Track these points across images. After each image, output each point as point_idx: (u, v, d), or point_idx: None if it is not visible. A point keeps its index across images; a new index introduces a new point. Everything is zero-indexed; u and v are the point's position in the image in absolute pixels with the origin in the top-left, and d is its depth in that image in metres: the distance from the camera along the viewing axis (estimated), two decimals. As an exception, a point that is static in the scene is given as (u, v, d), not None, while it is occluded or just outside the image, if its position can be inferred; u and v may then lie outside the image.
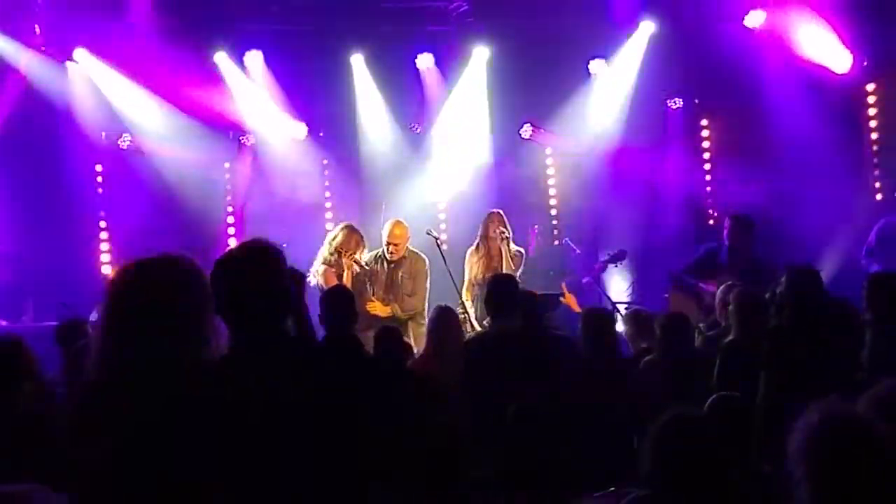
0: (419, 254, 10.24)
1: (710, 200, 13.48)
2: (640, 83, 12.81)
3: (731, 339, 7.11)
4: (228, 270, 3.48)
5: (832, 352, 6.30)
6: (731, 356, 6.87)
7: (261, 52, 12.36)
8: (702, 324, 8.92)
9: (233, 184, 12.88)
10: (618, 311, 10.30)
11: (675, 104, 13.08)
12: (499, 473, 5.89)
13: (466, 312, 9.89)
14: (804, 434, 3.27)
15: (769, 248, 10.66)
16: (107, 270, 11.96)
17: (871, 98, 12.93)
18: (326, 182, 13.16)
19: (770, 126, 12.57)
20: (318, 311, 6.85)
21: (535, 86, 12.68)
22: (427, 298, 10.04)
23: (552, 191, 13.58)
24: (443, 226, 12.73)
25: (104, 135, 12.22)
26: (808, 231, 12.04)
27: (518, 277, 9.91)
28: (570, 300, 10.07)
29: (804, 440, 3.27)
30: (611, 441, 7.09)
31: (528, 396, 6.30)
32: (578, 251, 11.62)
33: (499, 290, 7.51)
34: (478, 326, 9.44)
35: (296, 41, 12.34)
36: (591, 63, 12.96)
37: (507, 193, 12.45)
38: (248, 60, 12.36)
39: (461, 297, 10.07)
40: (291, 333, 3.65)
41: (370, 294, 9.89)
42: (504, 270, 9.96)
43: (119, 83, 11.99)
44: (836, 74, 12.52)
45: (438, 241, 10.49)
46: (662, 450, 4.01)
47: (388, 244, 9.99)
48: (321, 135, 12.94)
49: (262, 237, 3.60)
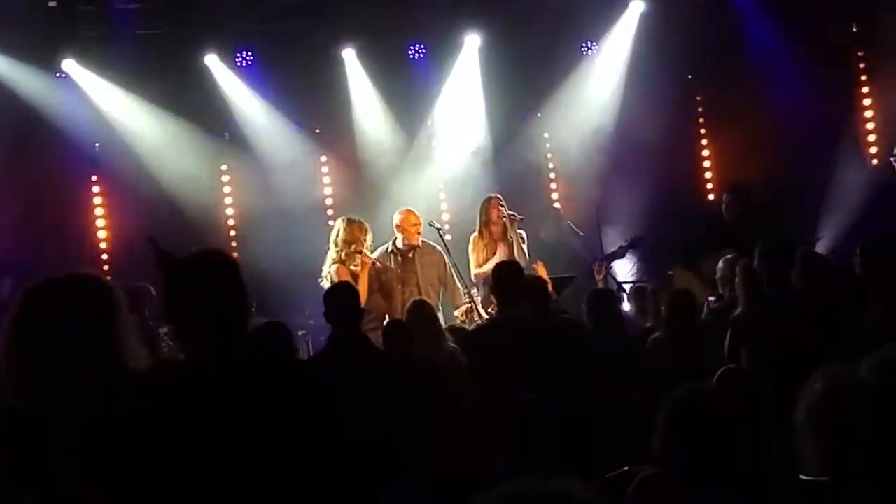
0: (433, 245, 10.23)
1: (709, 175, 13.49)
2: (634, 62, 12.81)
3: (741, 312, 7.13)
4: (179, 279, 3.48)
5: (812, 326, 6.33)
6: (740, 328, 6.89)
7: (252, 52, 12.36)
8: (711, 297, 8.96)
9: (231, 186, 12.88)
10: (623, 291, 10.34)
11: (670, 80, 13.07)
12: (513, 459, 5.92)
13: (473, 301, 9.89)
14: (809, 401, 3.30)
15: (769, 220, 10.68)
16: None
17: (862, 64, 12.94)
18: (325, 179, 13.16)
19: (764, 97, 12.59)
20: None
21: (529, 70, 12.66)
22: (458, 284, 10.07)
23: (552, 174, 13.59)
24: (445, 216, 12.72)
25: (98, 145, 12.22)
26: (806, 199, 12.09)
27: (526, 260, 9.97)
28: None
29: (810, 407, 3.30)
30: (623, 421, 7.12)
31: (539, 383, 6.31)
32: (582, 234, 11.64)
33: (505, 277, 7.51)
34: (484, 314, 9.44)
35: (286, 39, 12.30)
36: (584, 45, 12.97)
37: (507, 180, 12.43)
38: (240, 61, 12.36)
39: (466, 286, 10.08)
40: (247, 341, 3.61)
41: (389, 291, 9.89)
42: (515, 253, 9.98)
43: (110, 92, 11.97)
44: (828, 43, 12.55)
45: (441, 232, 10.48)
46: (676, 426, 4.03)
47: (410, 230, 10.01)
48: (318, 132, 12.94)
49: (215, 247, 3.61)
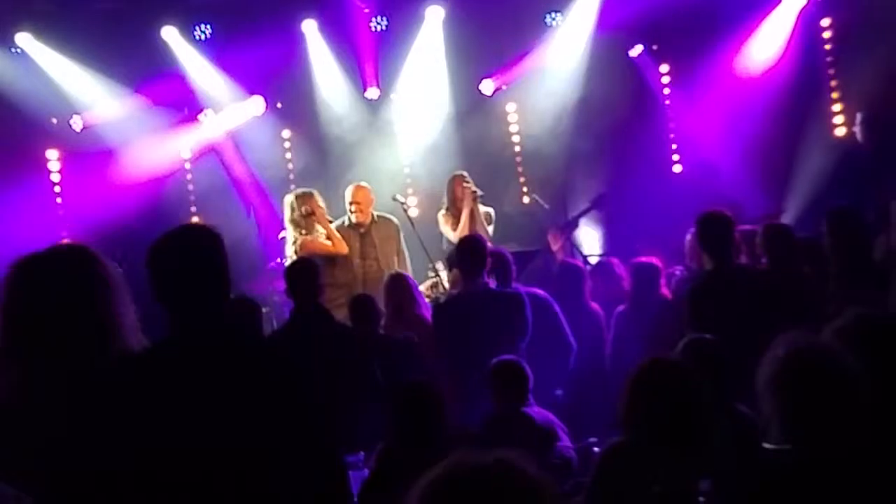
0: (388, 217, 10.23)
1: (675, 146, 13.49)
2: (598, 33, 12.76)
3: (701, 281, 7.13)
4: (160, 253, 3.42)
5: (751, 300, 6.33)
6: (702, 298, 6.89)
7: (210, 26, 12.24)
8: (677, 270, 8.96)
9: (192, 161, 12.76)
10: (589, 264, 10.34)
11: (635, 52, 13.05)
12: (480, 429, 5.95)
13: (438, 276, 9.91)
14: (771, 367, 3.30)
15: (733, 193, 10.73)
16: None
17: (827, 34, 12.95)
18: (288, 153, 13.07)
19: (729, 68, 12.58)
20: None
21: (493, 42, 12.60)
22: (408, 261, 10.08)
23: (517, 147, 13.55)
24: (409, 190, 12.68)
25: (55, 121, 12.10)
26: (772, 171, 12.12)
27: (491, 236, 9.98)
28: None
29: (771, 373, 3.30)
30: (589, 391, 7.16)
31: (504, 354, 6.35)
32: (547, 207, 11.62)
33: (468, 252, 7.52)
34: (449, 288, 9.44)
35: (246, 12, 12.13)
36: (548, 16, 12.92)
37: (472, 153, 12.40)
38: (198, 34, 12.25)
39: (431, 261, 10.08)
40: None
41: (349, 265, 9.89)
42: (478, 231, 9.97)
43: (66, 66, 11.84)
44: (793, 13, 12.57)
45: (405, 206, 10.49)
46: (638, 396, 4.06)
47: (351, 205, 9.99)
48: (279, 106, 12.84)
49: (199, 222, 3.57)
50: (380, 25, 12.68)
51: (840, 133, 12.64)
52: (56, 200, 12.27)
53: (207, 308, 3.40)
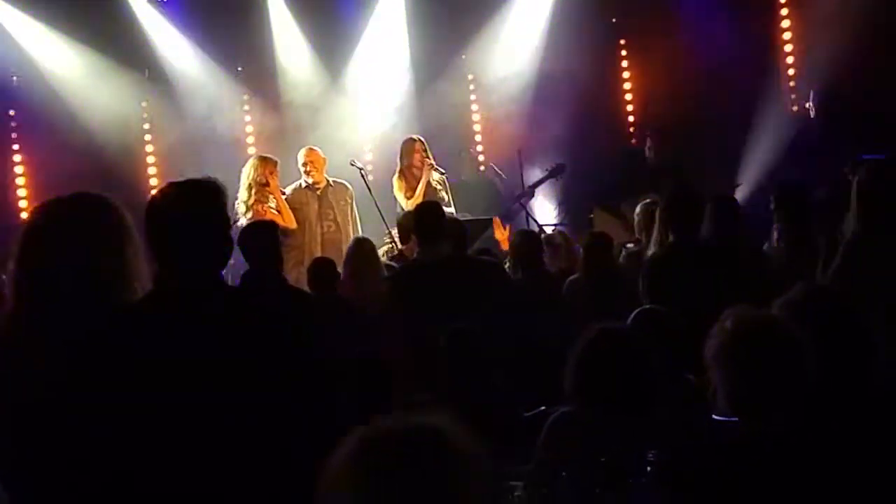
0: (342, 182, 10.27)
1: (632, 119, 13.57)
2: (557, 5, 12.80)
3: (655, 253, 7.20)
4: (160, 206, 3.42)
5: (713, 274, 6.41)
6: (654, 271, 6.96)
7: (173, -13, 12.18)
8: (630, 243, 9.03)
9: (150, 122, 12.70)
10: (544, 233, 10.40)
11: (594, 23, 13.08)
12: (433, 397, 5.97)
13: (394, 241, 9.93)
14: (719, 339, 3.35)
15: (689, 165, 10.80)
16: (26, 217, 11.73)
17: (784, 10, 13.06)
18: (247, 117, 13.03)
19: (687, 41, 12.65)
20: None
21: (454, 14, 12.61)
22: (359, 227, 10.12)
23: (475, 117, 13.57)
24: (368, 157, 12.68)
25: (15, 79, 12.00)
26: (727, 145, 12.23)
27: (445, 203, 10.02)
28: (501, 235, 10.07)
29: (719, 345, 3.35)
30: (542, 361, 7.19)
31: (461, 322, 6.36)
32: (504, 177, 11.67)
33: (425, 219, 7.54)
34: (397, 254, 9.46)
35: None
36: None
37: (431, 122, 12.40)
38: (161, -3, 12.19)
39: (387, 227, 10.11)
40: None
41: (306, 225, 9.93)
42: (430, 197, 10.01)
43: (28, 25, 11.76)
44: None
45: (363, 172, 10.51)
46: (584, 364, 4.09)
47: (305, 166, 10.03)
48: (239, 69, 12.79)
49: (206, 176, 3.55)
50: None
51: (795, 108, 12.77)
52: (14, 159, 12.18)
53: (210, 263, 3.40)
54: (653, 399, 4.09)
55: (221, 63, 12.53)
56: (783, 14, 13.05)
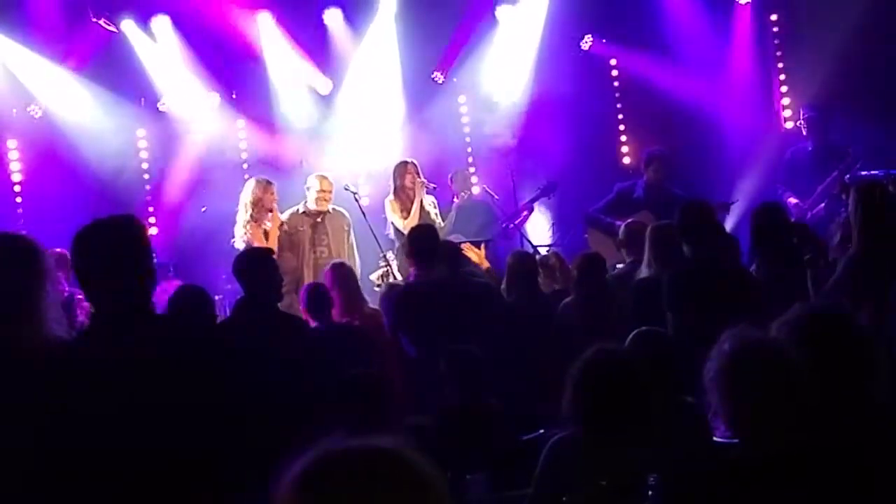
0: (341, 210, 10.33)
1: (624, 138, 13.60)
2: (549, 26, 12.84)
3: (646, 277, 7.21)
4: (88, 243, 3.47)
5: (741, 284, 6.43)
6: (645, 293, 6.97)
7: (168, 17, 12.18)
8: (621, 264, 9.02)
9: (148, 151, 12.72)
10: (539, 255, 10.40)
11: (586, 44, 13.13)
12: (427, 418, 5.97)
13: (389, 265, 9.96)
14: (717, 361, 3.34)
15: (682, 184, 10.83)
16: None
17: (775, 28, 13.12)
18: (242, 143, 13.06)
19: (678, 60, 12.70)
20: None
21: (444, 34, 12.65)
22: (356, 255, 10.16)
23: (467, 139, 13.60)
24: (360, 180, 12.68)
25: (15, 111, 12.03)
26: (721, 164, 12.26)
27: (439, 226, 10.04)
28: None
29: (717, 368, 3.34)
30: (539, 383, 7.19)
31: (457, 343, 6.37)
32: (497, 197, 11.69)
33: (420, 242, 7.56)
34: (400, 278, 9.48)
35: (202, 4, 12.13)
36: (498, 9, 12.96)
37: (423, 144, 12.44)
38: (155, 26, 12.18)
39: (382, 250, 10.13)
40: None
41: (300, 251, 9.96)
42: (423, 220, 10.05)
43: (26, 57, 11.79)
44: (741, 7, 12.73)
45: (357, 196, 10.55)
46: (583, 388, 4.06)
47: (320, 192, 10.06)
48: (234, 96, 12.82)
49: (127, 213, 3.59)
50: (333, 16, 12.67)
51: (788, 126, 12.82)
52: (14, 189, 12.21)
53: (133, 295, 3.44)
54: (651, 421, 4.06)
55: (216, 89, 12.55)
56: (775, 31, 13.10)
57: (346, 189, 10.52)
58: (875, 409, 3.53)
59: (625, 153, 13.53)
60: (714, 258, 6.71)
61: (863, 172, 10.62)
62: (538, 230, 12.33)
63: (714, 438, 3.68)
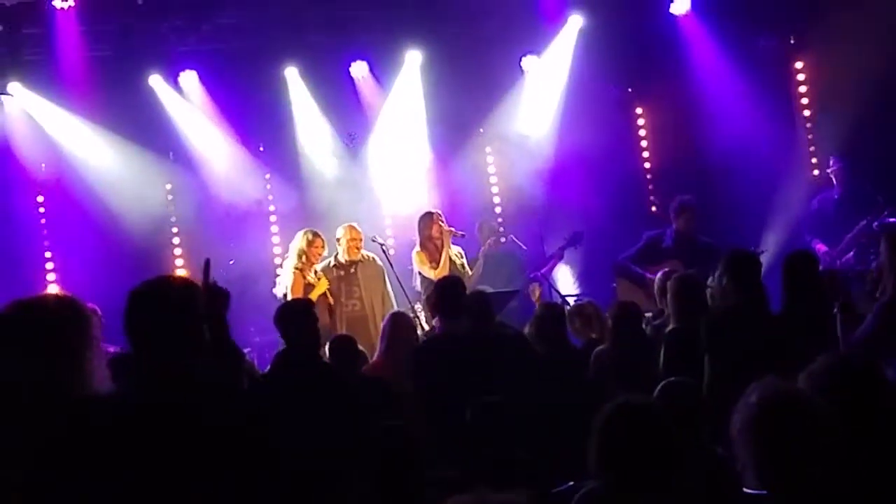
0: (374, 257, 10.38)
1: (651, 187, 13.60)
2: (573, 76, 12.91)
3: (674, 328, 7.18)
4: (137, 304, 3.50)
5: (774, 333, 6.38)
6: (674, 344, 6.93)
7: (195, 72, 12.31)
8: (649, 313, 8.99)
9: (176, 204, 12.83)
10: (567, 305, 10.39)
11: (610, 94, 13.18)
12: (459, 473, 5.93)
13: (417, 316, 9.95)
14: (744, 414, 3.32)
15: (710, 233, 10.81)
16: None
17: (801, 76, 13.13)
18: (270, 196, 13.14)
19: (703, 109, 12.73)
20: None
21: (470, 86, 12.71)
22: (393, 301, 10.19)
23: (494, 189, 13.65)
24: (388, 231, 12.75)
25: (44, 166, 12.13)
26: (748, 212, 12.22)
27: (467, 276, 10.05)
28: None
29: (745, 420, 3.32)
30: (569, 435, 7.12)
31: (485, 396, 6.33)
32: (525, 248, 11.70)
33: (446, 293, 7.54)
34: (427, 329, 9.48)
35: (229, 59, 12.28)
36: (524, 60, 13.05)
37: (450, 195, 12.50)
38: (183, 81, 12.32)
39: (410, 301, 10.15)
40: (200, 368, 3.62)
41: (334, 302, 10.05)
42: (451, 270, 10.07)
43: (55, 114, 11.92)
44: (765, 56, 12.76)
45: (384, 248, 10.58)
46: (608, 440, 4.01)
47: (350, 241, 10.12)
48: (261, 149, 12.92)
49: (173, 274, 3.63)
50: (360, 70, 12.78)
51: (815, 173, 12.79)
52: (44, 243, 12.29)
53: (172, 360, 3.46)
54: (677, 474, 4.01)
55: (243, 143, 12.65)
56: (800, 79, 13.11)
57: (374, 240, 10.56)
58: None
59: (652, 202, 13.53)
60: (755, 305, 6.67)
61: (892, 220, 10.57)
62: (565, 280, 12.32)
63: (743, 490, 3.64)
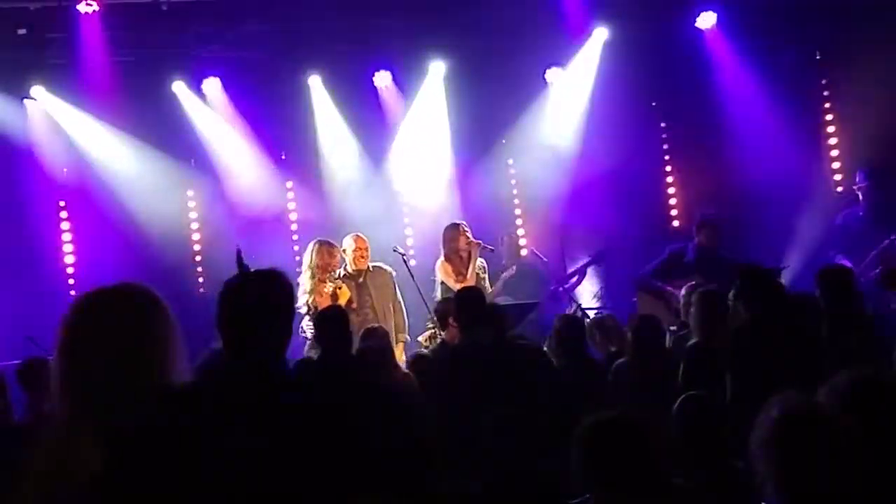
0: (383, 266, 10.32)
1: (674, 202, 13.56)
2: (597, 89, 12.87)
3: (695, 342, 7.14)
4: (234, 291, 3.49)
5: (795, 348, 6.35)
6: (694, 358, 6.90)
7: (218, 79, 12.34)
8: (672, 326, 8.97)
9: (197, 212, 12.85)
10: (587, 318, 10.35)
11: (634, 107, 13.15)
12: (475, 485, 5.90)
13: (436, 326, 9.92)
14: (765, 429, 3.30)
15: (733, 248, 10.76)
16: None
17: (826, 91, 13.08)
18: (291, 204, 13.15)
19: (728, 123, 12.68)
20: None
21: (493, 97, 12.70)
22: (404, 310, 10.16)
23: (516, 201, 13.63)
24: (409, 241, 12.75)
25: (66, 170, 12.17)
26: (771, 228, 12.16)
27: (487, 290, 10.03)
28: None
29: (766, 435, 3.29)
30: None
31: (503, 408, 6.31)
32: (546, 260, 11.67)
33: (467, 304, 7.53)
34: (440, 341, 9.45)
35: (253, 66, 12.32)
36: (548, 72, 13.03)
37: (472, 206, 12.48)
38: (206, 88, 12.34)
39: (430, 312, 10.11)
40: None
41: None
42: (475, 283, 10.04)
43: (78, 118, 11.96)
44: (790, 71, 12.71)
45: (405, 258, 10.55)
46: (596, 455, 3.98)
47: (356, 251, 10.10)
48: (283, 157, 12.93)
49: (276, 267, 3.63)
50: (383, 80, 12.79)
51: (840, 189, 12.72)
52: (66, 249, 12.32)
53: (271, 349, 3.46)
54: (669, 489, 3.95)
55: (266, 151, 12.67)
56: (825, 94, 13.06)
57: (395, 250, 10.54)
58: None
59: (674, 216, 13.48)
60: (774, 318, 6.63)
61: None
62: (586, 293, 12.28)
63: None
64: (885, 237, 10.61)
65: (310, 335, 9.15)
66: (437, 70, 12.77)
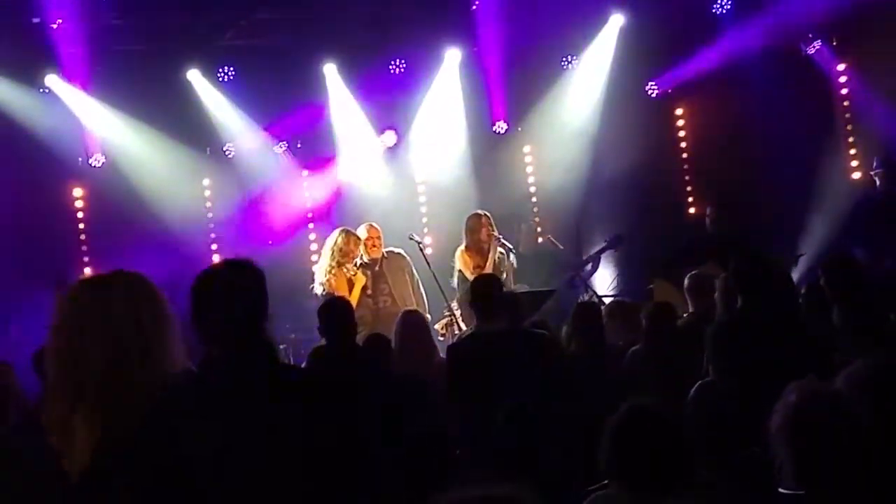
0: (396, 251, 10.32)
1: (689, 189, 13.52)
2: (614, 75, 12.85)
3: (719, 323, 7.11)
4: (207, 284, 3.52)
5: (799, 337, 6.31)
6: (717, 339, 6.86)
7: (233, 68, 12.35)
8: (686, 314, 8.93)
9: (213, 200, 12.87)
10: (603, 304, 10.33)
11: (651, 93, 13.13)
12: (489, 473, 5.89)
13: (453, 314, 9.92)
14: (782, 413, 3.30)
15: (750, 235, 10.72)
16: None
17: (843, 78, 13.02)
18: (306, 192, 13.15)
19: (744, 110, 12.64)
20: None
21: (509, 85, 12.68)
22: (423, 293, 10.15)
23: (532, 188, 13.60)
24: (425, 230, 12.74)
25: (80, 159, 12.19)
26: (788, 214, 12.12)
27: (505, 278, 10.00)
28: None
29: (783, 419, 3.30)
30: (600, 434, 7.06)
31: (518, 397, 6.30)
32: (562, 247, 11.65)
33: (483, 292, 7.50)
34: (465, 328, 9.45)
35: (268, 54, 12.32)
36: (564, 59, 12.99)
37: (488, 194, 12.45)
38: (221, 76, 12.36)
39: (447, 301, 10.11)
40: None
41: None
42: (495, 271, 10.02)
43: (93, 107, 11.96)
44: (808, 56, 12.65)
45: (421, 246, 10.56)
46: (617, 443, 3.93)
47: (367, 241, 10.12)
48: (299, 146, 12.92)
49: (244, 256, 3.62)
50: (398, 68, 12.77)
51: (856, 176, 12.67)
52: (80, 237, 12.35)
53: (252, 340, 3.48)
54: (689, 479, 3.90)
55: (281, 139, 12.67)
56: (842, 81, 13.00)
57: (411, 238, 10.53)
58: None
59: (690, 203, 13.44)
60: (767, 312, 6.58)
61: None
62: (601, 280, 12.26)
63: (780, 490, 3.58)
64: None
65: None
66: (453, 57, 12.73)
